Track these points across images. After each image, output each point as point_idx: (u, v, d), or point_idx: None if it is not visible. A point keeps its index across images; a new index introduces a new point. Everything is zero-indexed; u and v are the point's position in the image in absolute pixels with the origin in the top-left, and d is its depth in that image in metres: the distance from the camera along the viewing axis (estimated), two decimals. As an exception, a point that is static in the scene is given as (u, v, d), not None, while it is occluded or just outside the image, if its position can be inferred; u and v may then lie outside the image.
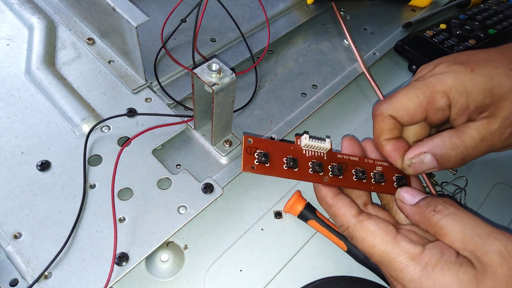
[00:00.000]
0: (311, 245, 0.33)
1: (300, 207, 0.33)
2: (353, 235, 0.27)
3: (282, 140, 0.38)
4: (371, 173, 0.30)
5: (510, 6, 0.54)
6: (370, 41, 0.48)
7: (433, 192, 0.31)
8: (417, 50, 0.46)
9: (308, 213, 0.33)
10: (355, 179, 0.30)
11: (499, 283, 0.22)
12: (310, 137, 0.29)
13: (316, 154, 0.30)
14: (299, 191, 0.34)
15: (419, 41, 0.47)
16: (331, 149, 0.30)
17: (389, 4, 0.54)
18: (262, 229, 0.33)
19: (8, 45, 0.39)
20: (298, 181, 0.36)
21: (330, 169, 0.29)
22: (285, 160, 0.28)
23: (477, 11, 0.53)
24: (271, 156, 0.28)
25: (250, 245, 0.32)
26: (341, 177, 0.29)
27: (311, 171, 0.29)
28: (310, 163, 0.29)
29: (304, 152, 0.29)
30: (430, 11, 0.53)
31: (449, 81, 0.27)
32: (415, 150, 0.28)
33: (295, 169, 0.28)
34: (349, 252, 0.32)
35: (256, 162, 0.27)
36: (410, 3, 0.54)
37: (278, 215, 0.34)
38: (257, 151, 0.27)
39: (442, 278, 0.23)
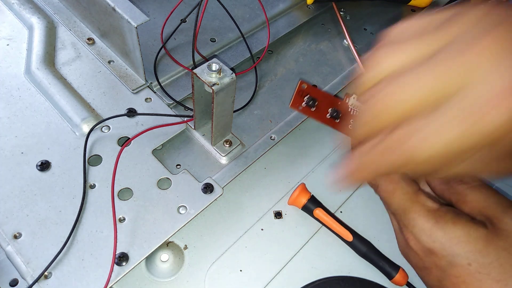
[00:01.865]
0: (311, 245, 0.33)
1: (304, 200, 0.34)
2: (379, 183, 0.28)
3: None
4: None
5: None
6: (370, 41, 0.48)
7: None
8: (417, 50, 0.46)
9: (312, 205, 0.34)
10: None
11: (510, 245, 0.23)
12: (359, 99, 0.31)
13: None
14: (303, 184, 0.35)
15: (419, 41, 0.47)
16: None
17: (389, 4, 0.54)
18: (262, 229, 0.33)
19: (8, 45, 0.39)
20: (300, 180, 0.36)
21: None
22: (330, 110, 0.31)
23: (477, 11, 0.53)
24: (318, 104, 0.30)
25: (250, 245, 0.32)
26: None
27: (350, 126, 0.31)
28: (352, 120, 0.31)
29: (349, 109, 0.31)
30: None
31: None
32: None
33: (336, 120, 0.31)
34: (352, 244, 0.32)
35: (304, 104, 0.30)
36: (410, 3, 0.54)
37: (278, 215, 0.34)
38: (308, 96, 0.30)
39: (453, 230, 0.24)
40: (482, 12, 0.19)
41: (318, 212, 0.33)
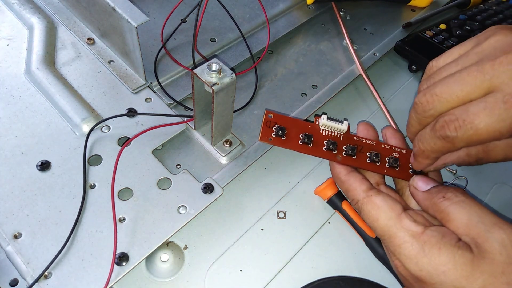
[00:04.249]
0: (311, 245, 0.33)
1: (330, 193, 0.34)
2: (361, 208, 0.29)
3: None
4: (386, 158, 0.31)
5: (510, 6, 0.54)
6: (370, 41, 0.48)
7: None
8: (417, 50, 0.46)
9: (337, 201, 0.34)
10: (369, 161, 0.31)
11: (495, 269, 0.22)
12: (329, 118, 0.31)
13: (332, 134, 0.31)
14: (332, 178, 0.35)
15: (419, 41, 0.47)
16: (348, 131, 0.32)
17: (389, 4, 0.54)
18: (262, 229, 0.33)
19: (8, 45, 0.39)
20: (300, 179, 0.36)
21: (345, 149, 0.31)
22: (301, 136, 0.30)
23: (477, 11, 0.53)
24: (288, 131, 0.30)
25: (250, 245, 0.32)
26: (354, 157, 0.31)
27: (325, 148, 0.30)
28: (325, 141, 0.31)
29: (321, 131, 0.31)
30: (430, 11, 0.53)
31: None
32: (441, 161, 0.29)
33: (309, 145, 0.30)
34: (372, 244, 0.33)
35: (273, 135, 0.30)
36: (410, 3, 0.54)
37: (278, 215, 0.34)
38: (276, 125, 0.30)
39: (438, 257, 0.24)
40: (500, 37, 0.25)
41: (346, 206, 0.34)
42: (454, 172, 0.39)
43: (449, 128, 0.25)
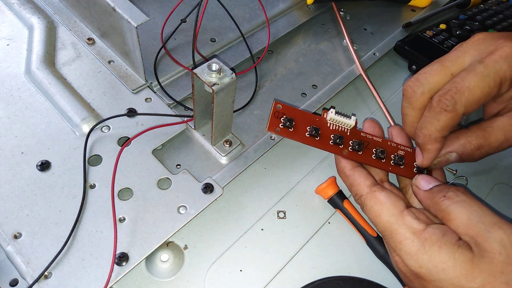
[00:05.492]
0: (311, 245, 0.33)
1: (331, 192, 0.34)
2: (364, 203, 0.29)
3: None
4: (392, 155, 0.32)
5: (510, 6, 0.54)
6: (370, 41, 0.48)
7: None
8: (417, 50, 0.46)
9: (338, 200, 0.34)
10: (374, 158, 0.31)
11: (495, 268, 0.23)
12: (337, 112, 0.31)
13: (340, 128, 0.32)
14: (334, 177, 0.35)
15: (419, 41, 0.47)
16: (355, 126, 0.32)
17: (389, 4, 0.54)
18: (262, 229, 0.33)
19: (8, 45, 0.39)
20: (300, 179, 0.36)
21: (351, 144, 0.31)
22: (308, 128, 0.30)
23: (477, 11, 0.53)
24: (296, 123, 0.30)
25: (250, 245, 0.32)
26: (360, 153, 0.31)
27: (331, 142, 0.31)
28: (332, 135, 0.31)
29: (328, 125, 0.31)
30: (430, 11, 0.53)
31: None
32: (444, 151, 0.29)
33: (316, 138, 0.30)
34: (373, 243, 0.33)
35: (281, 125, 0.30)
36: (410, 3, 0.54)
37: (278, 215, 0.34)
38: (284, 116, 0.30)
39: (438, 255, 0.24)
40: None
41: (347, 204, 0.34)
42: (454, 172, 0.39)
43: (446, 98, 0.27)
